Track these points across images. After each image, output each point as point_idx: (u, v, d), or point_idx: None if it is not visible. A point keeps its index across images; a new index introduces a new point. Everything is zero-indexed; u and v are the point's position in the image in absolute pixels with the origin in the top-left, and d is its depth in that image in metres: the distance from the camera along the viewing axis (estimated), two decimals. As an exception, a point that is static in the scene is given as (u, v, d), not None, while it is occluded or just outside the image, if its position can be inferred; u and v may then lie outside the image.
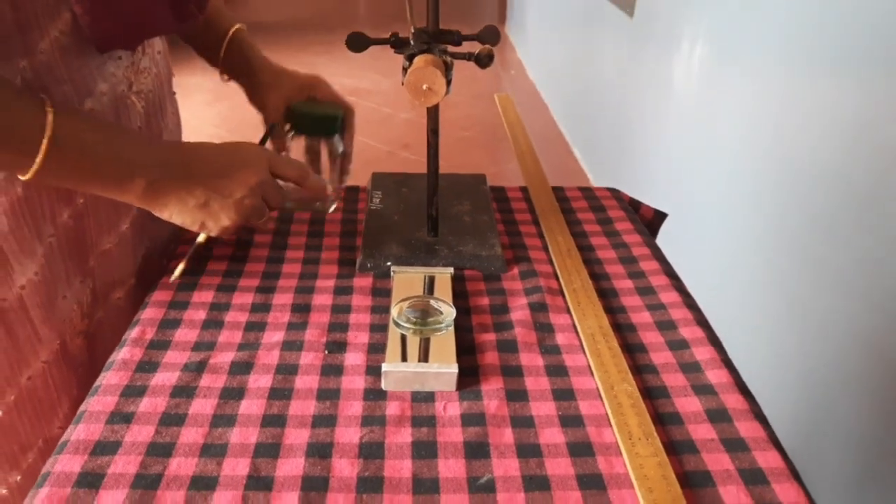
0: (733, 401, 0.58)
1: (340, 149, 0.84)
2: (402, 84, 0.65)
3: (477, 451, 0.54)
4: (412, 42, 0.68)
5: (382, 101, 3.87)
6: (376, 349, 0.65)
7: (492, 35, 0.69)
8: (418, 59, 0.65)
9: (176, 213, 0.66)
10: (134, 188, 0.63)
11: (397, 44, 0.68)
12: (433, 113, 0.72)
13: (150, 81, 0.78)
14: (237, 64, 0.89)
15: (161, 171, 0.63)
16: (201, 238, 0.74)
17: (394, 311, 0.65)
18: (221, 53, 0.88)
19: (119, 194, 0.63)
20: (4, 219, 0.64)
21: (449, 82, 0.66)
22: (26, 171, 0.57)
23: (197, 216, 0.66)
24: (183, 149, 0.67)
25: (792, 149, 1.37)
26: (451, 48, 0.70)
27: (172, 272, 0.74)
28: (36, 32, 0.61)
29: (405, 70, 0.66)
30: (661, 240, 0.90)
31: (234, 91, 0.91)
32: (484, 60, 0.69)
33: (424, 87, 0.65)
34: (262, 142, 0.81)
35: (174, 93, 0.88)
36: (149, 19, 0.67)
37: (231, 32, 0.88)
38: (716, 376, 0.61)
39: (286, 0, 5.99)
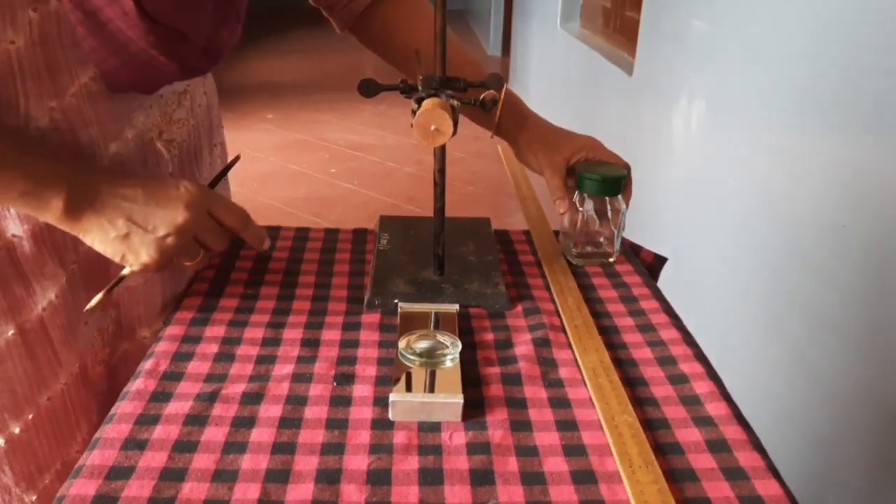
0: (732, 431, 0.60)
1: (624, 207, 0.86)
2: (411, 126, 0.68)
3: (482, 478, 0.55)
4: (421, 88, 0.71)
5: (387, 156, 3.95)
6: (384, 381, 0.66)
7: (496, 82, 0.72)
8: (427, 102, 0.68)
9: (97, 242, 0.65)
10: (51, 208, 0.62)
11: (406, 89, 0.72)
12: (440, 153, 0.75)
13: (185, 132, 0.81)
14: (509, 121, 0.91)
15: (77, 194, 0.63)
16: (125, 272, 0.70)
17: (401, 344, 0.67)
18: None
19: (39, 212, 0.63)
20: (27, 244, 0.67)
21: (455, 124, 0.69)
22: None
23: (118, 248, 0.65)
24: (108, 176, 0.66)
25: (789, 201, 1.40)
26: (458, 95, 0.73)
27: (183, 307, 0.76)
28: (66, 76, 0.65)
29: (414, 112, 0.69)
30: (662, 288, 0.92)
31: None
32: (488, 105, 0.72)
33: (432, 128, 0.67)
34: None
35: (217, 145, 0.91)
36: (155, 60, 0.68)
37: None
38: (715, 409, 0.62)
39: (294, 64, 6.15)
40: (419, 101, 0.69)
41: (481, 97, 0.72)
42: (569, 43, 3.50)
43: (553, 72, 3.91)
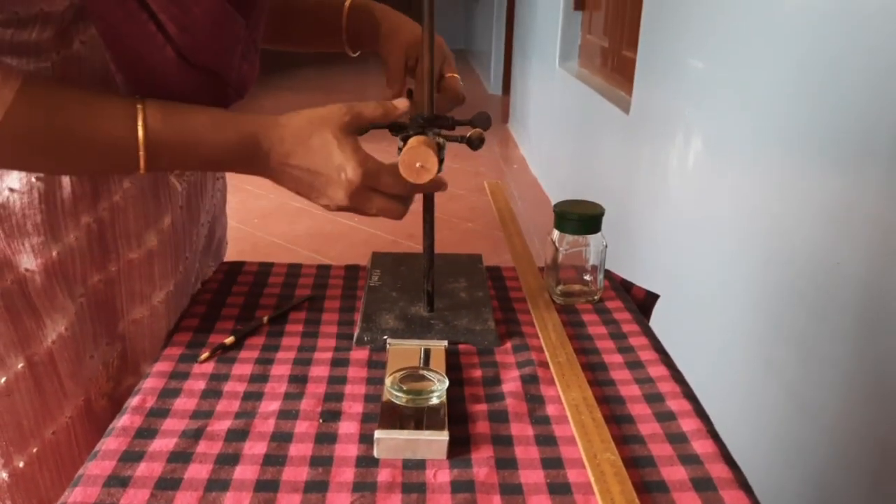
0: (718, 470, 0.59)
1: (604, 243, 0.86)
2: (398, 164, 0.69)
3: (465, 516, 0.55)
4: (408, 126, 0.72)
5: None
6: (370, 418, 0.66)
7: (483, 120, 0.73)
8: (412, 140, 0.69)
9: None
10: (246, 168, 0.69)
11: (395, 128, 0.73)
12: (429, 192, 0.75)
13: None
14: (362, 28, 0.88)
15: (259, 165, 0.68)
16: (229, 340, 0.76)
17: (388, 381, 0.67)
18: (343, 23, 0.87)
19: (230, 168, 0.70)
20: (38, 279, 0.69)
21: (441, 161, 0.70)
22: (136, 172, 0.65)
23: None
24: (278, 148, 0.69)
25: (784, 237, 1.41)
26: (445, 132, 0.74)
27: (173, 343, 0.77)
28: None
29: (400, 150, 0.70)
30: (655, 326, 0.92)
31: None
32: (475, 143, 0.73)
33: (418, 164, 0.68)
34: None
35: (220, 177, 0.92)
36: (189, 100, 0.70)
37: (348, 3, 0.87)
38: (702, 446, 0.62)
39: (301, 101, 6.22)
40: (405, 139, 0.70)
41: (468, 135, 0.73)
42: (567, 82, 3.54)
43: (552, 110, 3.96)
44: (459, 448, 0.62)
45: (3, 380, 0.70)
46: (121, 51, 0.64)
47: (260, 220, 3.61)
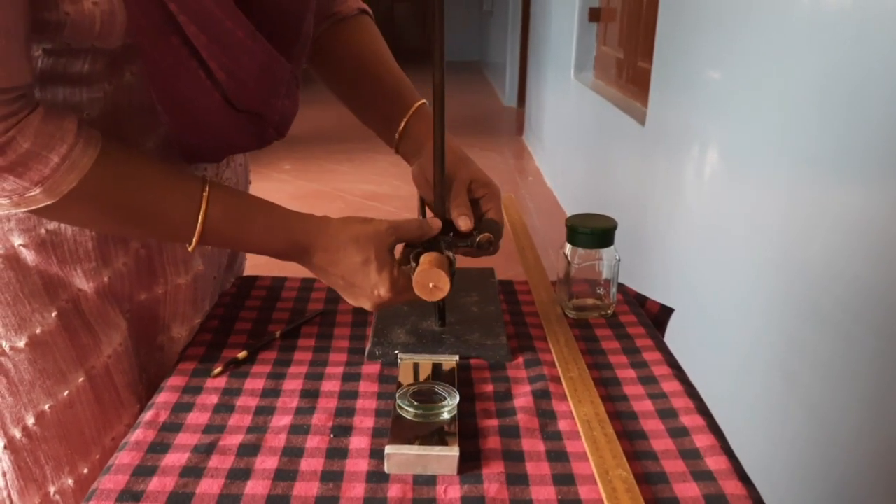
0: (732, 486, 0.59)
1: (617, 257, 0.86)
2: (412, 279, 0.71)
3: (476, 533, 0.55)
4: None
5: (402, 206, 3.98)
6: (381, 433, 0.66)
7: (492, 227, 0.77)
8: (424, 260, 0.71)
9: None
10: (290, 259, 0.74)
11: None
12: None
13: None
14: (413, 141, 0.86)
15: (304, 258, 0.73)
16: (242, 355, 0.78)
17: (398, 396, 0.67)
18: (400, 127, 0.85)
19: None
20: (91, 299, 0.74)
21: (452, 276, 0.72)
22: (188, 245, 0.68)
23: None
24: (321, 255, 0.73)
25: (803, 251, 1.39)
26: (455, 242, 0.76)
27: (187, 357, 0.78)
28: (132, 145, 0.71)
29: (413, 269, 0.72)
30: (670, 341, 0.91)
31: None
32: (484, 246, 0.76)
33: (431, 285, 0.70)
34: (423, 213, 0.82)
35: None
36: (231, 141, 0.74)
37: (415, 108, 0.86)
38: (715, 463, 0.61)
39: (313, 115, 6.25)
40: (417, 257, 0.73)
41: (477, 239, 0.76)
42: (582, 93, 3.54)
43: (567, 122, 3.95)
44: (470, 463, 0.62)
45: (66, 393, 0.74)
46: (168, 93, 0.66)
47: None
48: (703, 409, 0.70)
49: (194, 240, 0.68)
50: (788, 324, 1.44)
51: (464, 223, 0.75)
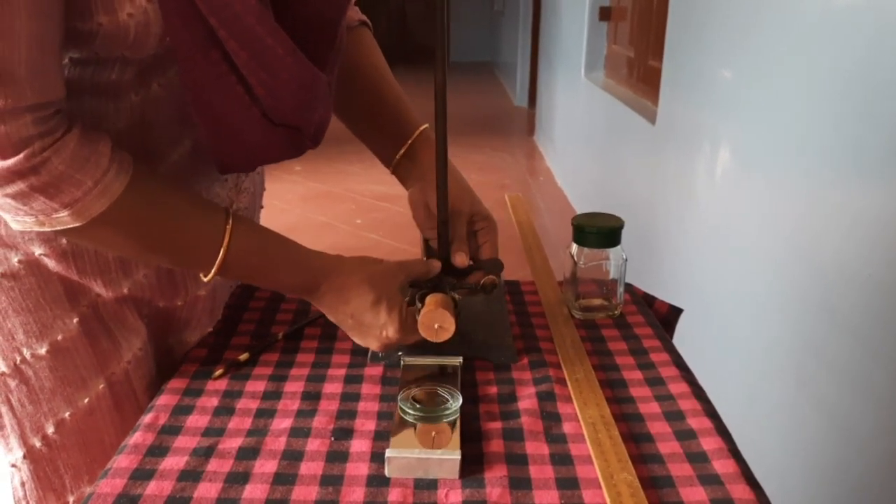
0: (740, 491, 0.57)
1: (624, 257, 0.85)
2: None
3: (477, 538, 0.54)
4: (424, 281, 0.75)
5: (413, 207, 3.96)
6: (382, 436, 0.65)
7: (494, 266, 0.77)
8: (430, 301, 0.71)
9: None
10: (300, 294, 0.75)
11: (412, 283, 0.75)
12: (443, 205, 0.74)
13: (248, 199, 0.85)
14: (414, 164, 0.84)
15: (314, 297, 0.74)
16: (243, 356, 0.77)
17: (400, 398, 0.66)
18: (402, 150, 0.84)
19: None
20: (109, 302, 0.74)
21: (457, 316, 0.71)
22: (204, 276, 0.68)
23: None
24: (331, 293, 0.73)
25: (817, 251, 1.37)
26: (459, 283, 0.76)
27: (189, 359, 0.77)
28: (159, 155, 0.71)
29: (419, 309, 0.71)
30: (680, 342, 0.89)
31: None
32: (488, 288, 0.76)
33: (436, 326, 0.70)
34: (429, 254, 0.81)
35: (261, 207, 0.95)
36: (268, 150, 0.73)
37: (418, 132, 0.84)
38: (723, 466, 0.60)
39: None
40: (422, 298, 0.72)
41: (481, 282, 0.76)
42: (593, 92, 3.52)
43: (578, 121, 3.93)
44: (472, 467, 0.61)
45: (86, 400, 0.74)
46: (206, 106, 0.65)
47: (284, 234, 3.62)
48: (710, 412, 0.68)
49: (213, 271, 0.67)
50: (802, 325, 1.42)
51: (460, 259, 0.76)
